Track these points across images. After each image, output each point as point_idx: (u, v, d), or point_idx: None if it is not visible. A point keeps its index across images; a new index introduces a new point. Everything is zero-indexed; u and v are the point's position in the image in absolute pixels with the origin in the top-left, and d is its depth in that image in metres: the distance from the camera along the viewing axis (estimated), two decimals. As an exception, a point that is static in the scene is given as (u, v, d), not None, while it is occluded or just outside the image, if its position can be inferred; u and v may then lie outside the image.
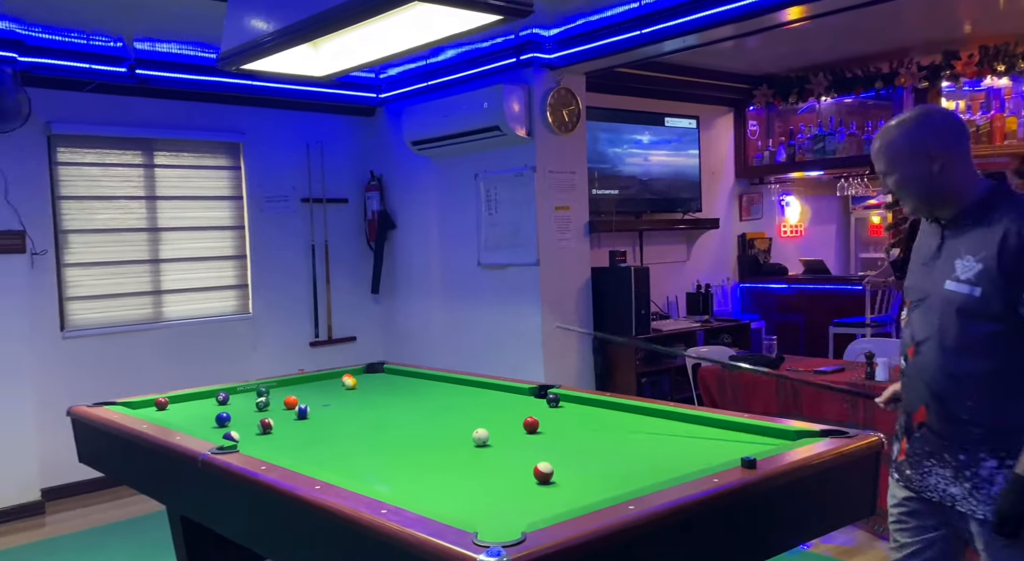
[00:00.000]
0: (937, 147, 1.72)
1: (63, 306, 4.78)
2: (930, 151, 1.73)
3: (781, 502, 1.90)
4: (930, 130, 1.74)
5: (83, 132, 4.81)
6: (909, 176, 1.77)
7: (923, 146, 1.73)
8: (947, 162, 1.72)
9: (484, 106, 4.72)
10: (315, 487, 1.85)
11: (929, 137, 1.73)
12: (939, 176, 1.74)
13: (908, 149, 1.75)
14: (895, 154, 1.77)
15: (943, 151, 1.72)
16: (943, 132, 1.73)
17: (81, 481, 4.62)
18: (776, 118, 6.58)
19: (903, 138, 1.76)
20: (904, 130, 1.76)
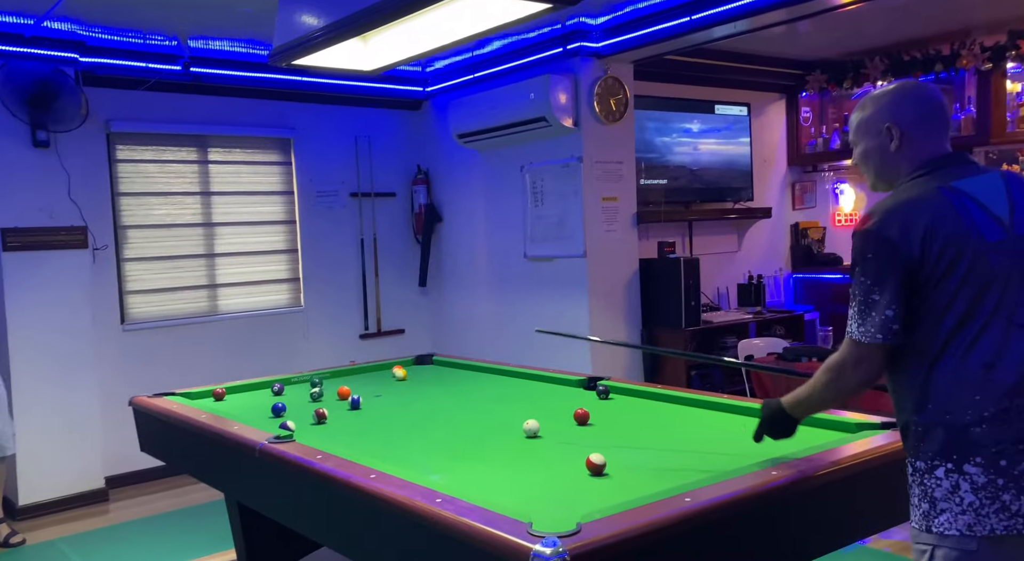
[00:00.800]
0: (899, 123, 1.63)
1: (123, 300, 4.92)
2: (891, 126, 1.64)
3: (841, 496, 1.85)
4: (897, 105, 1.64)
5: (140, 130, 4.94)
6: (869, 149, 1.69)
7: (886, 120, 1.64)
8: (906, 140, 1.63)
9: (530, 97, 4.70)
10: (370, 476, 1.87)
11: (894, 112, 1.64)
12: (895, 153, 1.64)
13: (873, 121, 1.67)
14: (861, 125, 1.70)
15: (904, 128, 1.62)
16: (909, 109, 1.63)
17: (142, 470, 4.77)
18: (830, 104, 6.41)
19: (872, 108, 1.68)
20: (874, 102, 1.68)
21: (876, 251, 1.53)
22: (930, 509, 1.50)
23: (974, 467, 1.44)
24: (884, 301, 1.52)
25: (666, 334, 4.97)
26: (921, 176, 1.61)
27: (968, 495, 1.45)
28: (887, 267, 1.51)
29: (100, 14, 4.15)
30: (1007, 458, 1.43)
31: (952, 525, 1.46)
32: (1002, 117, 5.40)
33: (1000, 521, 1.43)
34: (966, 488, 1.45)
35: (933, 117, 1.65)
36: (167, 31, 4.49)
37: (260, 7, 4.02)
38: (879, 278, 1.52)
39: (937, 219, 1.51)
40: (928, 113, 1.64)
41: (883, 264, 1.52)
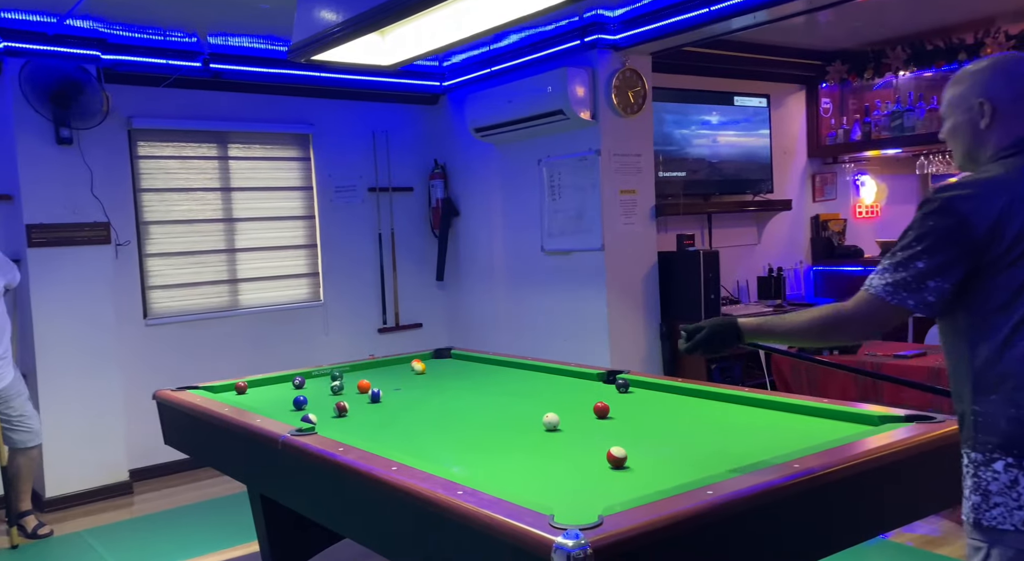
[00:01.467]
0: (992, 98, 1.52)
1: (146, 295, 4.98)
2: (984, 101, 1.53)
3: (864, 489, 1.84)
4: (993, 81, 1.53)
5: (161, 126, 4.98)
6: (958, 124, 1.59)
7: (979, 95, 1.54)
8: (998, 118, 1.52)
9: (548, 90, 4.69)
10: (392, 468, 1.88)
11: (989, 87, 1.53)
12: (984, 131, 1.54)
13: (965, 96, 1.57)
14: (953, 99, 1.60)
15: (996, 104, 1.52)
16: (1006, 85, 1.52)
17: (166, 463, 4.83)
18: (850, 95, 6.33)
19: (967, 82, 1.57)
20: (970, 76, 1.58)
21: (940, 221, 1.45)
22: (982, 502, 1.46)
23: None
24: (928, 271, 1.46)
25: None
26: (1009, 156, 1.51)
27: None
28: (946, 240, 1.44)
29: (121, 12, 4.19)
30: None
31: (1007, 520, 1.42)
32: None
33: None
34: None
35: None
36: (187, 28, 4.53)
37: (279, 3, 4.04)
38: (933, 248, 1.45)
39: (1019, 200, 1.43)
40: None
41: (943, 236, 1.45)
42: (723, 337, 1.80)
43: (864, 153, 6.38)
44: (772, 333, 1.74)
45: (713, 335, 1.80)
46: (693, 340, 1.84)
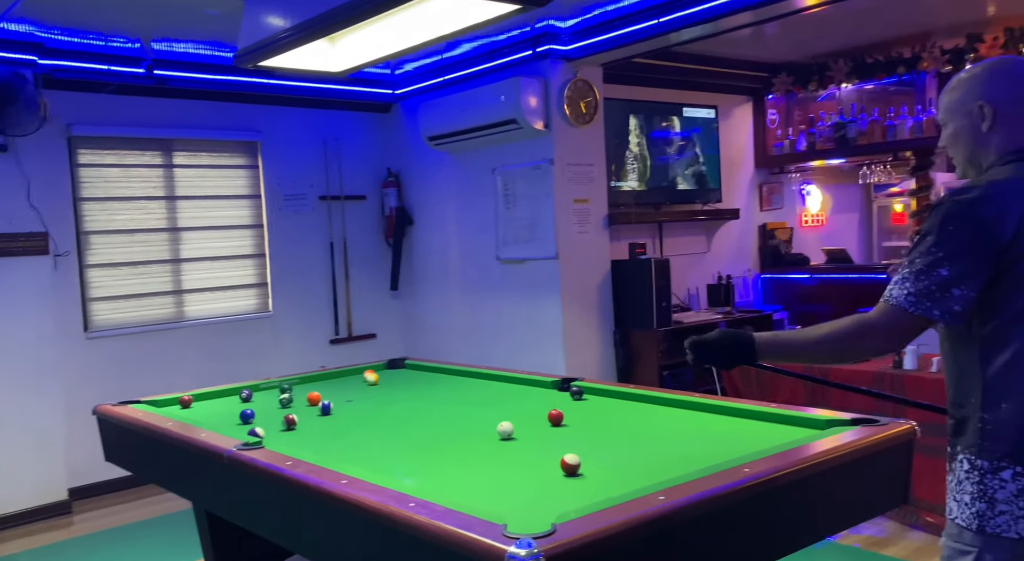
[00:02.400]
0: (992, 101, 1.51)
1: (86, 307, 4.82)
2: (984, 105, 1.52)
3: (812, 492, 1.87)
4: (991, 83, 1.52)
5: (103, 133, 4.84)
6: (959, 129, 1.57)
7: (978, 99, 1.53)
8: (999, 120, 1.50)
9: (501, 99, 4.70)
10: (342, 481, 1.84)
11: (988, 90, 1.52)
12: (986, 134, 1.52)
13: (964, 100, 1.55)
14: (952, 104, 1.58)
15: (997, 107, 1.50)
16: (1004, 87, 1.51)
17: (107, 480, 4.67)
18: (796, 106, 6.50)
19: (965, 86, 1.56)
20: (969, 78, 1.56)
21: (961, 225, 1.41)
22: (987, 509, 1.44)
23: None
24: (953, 279, 1.41)
25: (639, 334, 4.99)
26: (1016, 161, 1.49)
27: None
28: (970, 245, 1.40)
29: (60, 15, 4.07)
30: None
31: (1012, 528, 1.41)
32: (962, 118, 5.52)
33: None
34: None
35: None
36: (130, 34, 4.42)
37: (226, 8, 3.96)
38: (956, 253, 1.41)
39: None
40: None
41: (966, 240, 1.41)
42: (736, 354, 1.73)
43: (809, 163, 6.55)
44: (789, 348, 1.67)
45: (724, 351, 1.73)
46: (702, 349, 1.77)
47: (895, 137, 5.82)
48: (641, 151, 5.56)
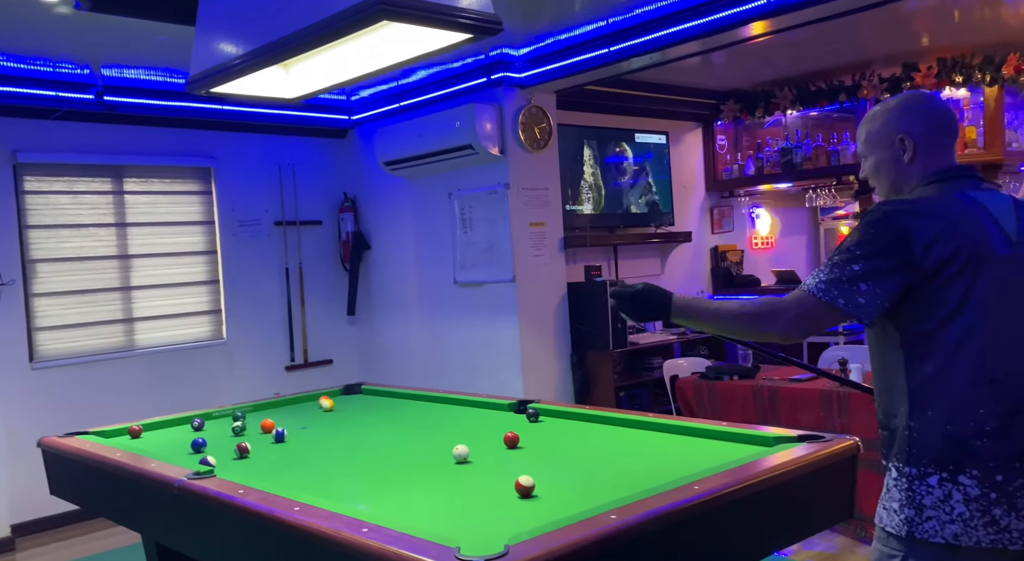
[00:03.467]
0: (911, 134, 1.62)
1: (32, 336, 4.69)
2: (904, 137, 1.63)
3: (761, 507, 1.91)
4: (909, 115, 1.64)
5: (50, 160, 4.75)
6: (881, 160, 1.68)
7: (898, 131, 1.64)
8: (919, 151, 1.61)
9: (456, 125, 4.75)
10: (294, 509, 1.83)
11: (906, 123, 1.63)
12: (908, 164, 1.63)
13: (883, 132, 1.66)
14: (871, 136, 1.69)
15: (916, 139, 1.62)
16: (921, 118, 1.63)
17: (53, 515, 4.52)
18: (744, 132, 6.69)
19: (881, 120, 1.67)
20: (885, 112, 1.68)
21: (882, 231, 1.50)
22: (915, 515, 1.48)
23: (969, 479, 1.43)
24: (863, 274, 1.49)
25: (595, 356, 5.04)
26: (935, 183, 1.59)
27: (959, 506, 1.43)
28: (887, 251, 1.48)
29: (4, 41, 4.00)
30: (1003, 473, 1.43)
31: (939, 533, 1.45)
32: (901, 144, 5.74)
33: (987, 534, 1.42)
34: (958, 498, 1.43)
35: (944, 128, 1.64)
36: (78, 59, 4.36)
37: (177, 35, 3.94)
38: (871, 254, 1.49)
39: (953, 221, 1.49)
40: (940, 125, 1.63)
41: (884, 246, 1.48)
42: (652, 306, 1.78)
43: (758, 187, 6.73)
44: (703, 315, 1.72)
45: (642, 303, 1.78)
46: (621, 299, 1.82)
47: (839, 162, 6.03)
48: (595, 176, 5.65)
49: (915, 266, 1.48)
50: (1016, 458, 1.44)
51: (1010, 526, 1.43)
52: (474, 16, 2.26)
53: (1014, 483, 1.43)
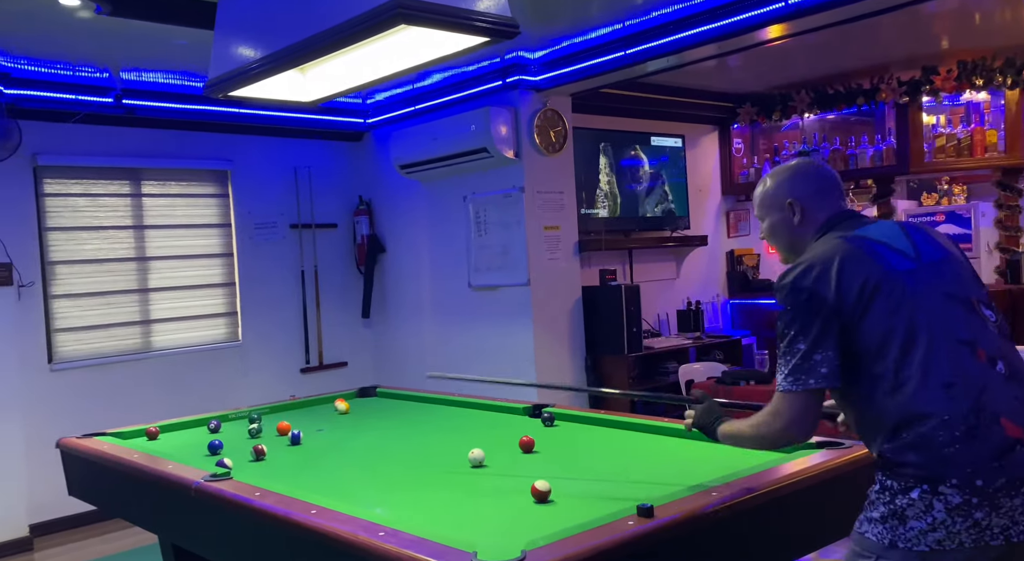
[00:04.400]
0: (799, 198, 1.77)
1: (51, 338, 4.73)
2: (793, 201, 1.77)
3: (779, 515, 1.89)
4: (794, 181, 1.79)
5: (70, 163, 4.80)
6: (775, 223, 1.82)
7: (787, 196, 1.78)
8: (807, 213, 1.76)
9: (471, 128, 4.75)
10: (311, 511, 1.83)
11: (793, 188, 1.78)
12: (799, 226, 1.77)
13: (774, 197, 1.81)
14: (765, 199, 1.84)
15: (804, 202, 1.76)
16: (806, 183, 1.78)
17: (70, 515, 4.55)
18: (760, 135, 6.65)
19: (772, 186, 1.82)
20: (774, 178, 1.83)
21: (795, 302, 1.60)
22: (899, 525, 1.49)
23: (949, 488, 1.45)
24: (809, 347, 1.57)
25: (610, 360, 5.02)
26: (824, 234, 1.73)
27: (941, 514, 1.45)
28: (808, 314, 1.58)
29: (27, 45, 4.05)
30: (982, 477, 1.44)
31: (922, 541, 1.46)
32: (920, 148, 5.69)
33: (970, 536, 1.45)
34: (940, 508, 1.45)
35: (828, 189, 1.78)
36: (98, 63, 4.41)
37: (195, 39, 3.98)
38: (802, 326, 1.58)
39: (847, 261, 1.60)
40: (823, 187, 1.78)
41: (804, 312, 1.58)
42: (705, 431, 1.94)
43: (775, 191, 6.67)
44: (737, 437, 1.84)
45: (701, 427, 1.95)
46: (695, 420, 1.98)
47: (856, 166, 5.98)
48: (610, 179, 5.64)
49: (837, 311, 1.57)
50: (992, 458, 1.46)
51: (991, 524, 1.45)
52: (491, 19, 2.26)
53: (995, 484, 1.45)
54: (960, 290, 1.60)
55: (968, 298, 1.59)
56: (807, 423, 1.61)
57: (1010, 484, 1.45)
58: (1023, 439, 1.47)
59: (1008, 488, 1.45)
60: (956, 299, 1.58)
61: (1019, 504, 1.45)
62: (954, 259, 1.65)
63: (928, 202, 7.41)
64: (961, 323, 1.55)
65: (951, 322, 1.55)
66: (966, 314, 1.57)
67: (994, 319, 1.61)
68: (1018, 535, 1.45)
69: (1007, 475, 1.45)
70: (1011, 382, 1.53)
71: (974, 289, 1.62)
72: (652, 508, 1.67)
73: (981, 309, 1.59)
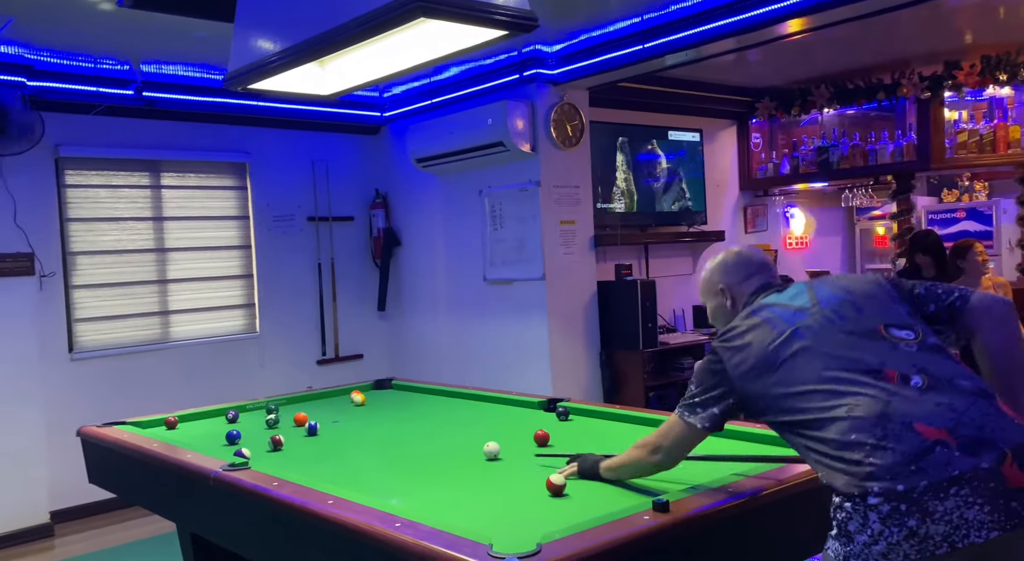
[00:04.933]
0: (727, 283, 1.94)
1: (71, 328, 4.79)
2: (724, 287, 1.94)
3: (795, 511, 1.89)
4: (721, 268, 1.96)
5: (90, 155, 4.85)
6: (715, 308, 1.99)
7: (716, 283, 1.96)
8: (736, 296, 1.92)
9: (488, 122, 4.75)
10: (328, 502, 1.84)
11: (720, 274, 1.96)
12: (731, 309, 1.92)
13: (707, 285, 1.99)
14: (702, 288, 2.02)
15: (731, 287, 1.93)
16: (730, 270, 1.94)
17: (90, 503, 4.61)
18: (779, 130, 6.60)
19: (708, 276, 2.00)
20: (707, 268, 2.01)
21: (708, 366, 1.79)
22: (847, 541, 1.49)
23: (875, 497, 1.44)
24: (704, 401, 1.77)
25: (625, 355, 5.01)
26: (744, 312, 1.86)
27: (876, 525, 1.44)
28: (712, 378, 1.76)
29: (49, 38, 4.09)
30: (902, 481, 1.44)
31: (868, 556, 1.45)
32: (941, 143, 5.63)
33: (911, 547, 1.41)
34: (874, 518, 1.44)
35: (753, 273, 1.93)
36: (119, 56, 4.44)
37: (215, 32, 4.00)
38: (705, 386, 1.77)
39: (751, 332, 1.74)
40: (749, 273, 1.93)
41: (710, 376, 1.77)
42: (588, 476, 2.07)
43: (793, 186, 6.64)
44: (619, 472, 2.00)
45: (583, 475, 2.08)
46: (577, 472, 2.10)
47: (876, 161, 5.93)
48: (627, 174, 5.62)
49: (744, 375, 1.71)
50: (908, 462, 1.45)
51: (930, 532, 1.41)
52: (511, 13, 2.26)
53: (917, 488, 1.43)
54: (860, 324, 1.67)
55: (872, 328, 1.66)
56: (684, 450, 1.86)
57: (935, 487, 1.42)
58: (944, 440, 1.46)
59: (934, 490, 1.41)
60: (856, 334, 1.66)
61: (952, 507, 1.40)
62: (854, 298, 1.74)
63: (948, 199, 7.33)
64: (866, 352, 1.62)
65: (854, 353, 1.62)
66: (871, 342, 1.64)
67: (912, 336, 1.66)
68: (961, 540, 1.39)
69: (928, 478, 1.42)
70: (929, 392, 1.54)
71: (881, 317, 1.69)
72: (668, 503, 1.67)
73: (891, 333, 1.66)
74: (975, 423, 1.48)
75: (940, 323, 1.74)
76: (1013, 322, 1.71)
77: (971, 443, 1.45)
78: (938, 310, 1.74)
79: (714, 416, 1.76)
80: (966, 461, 1.43)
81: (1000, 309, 1.71)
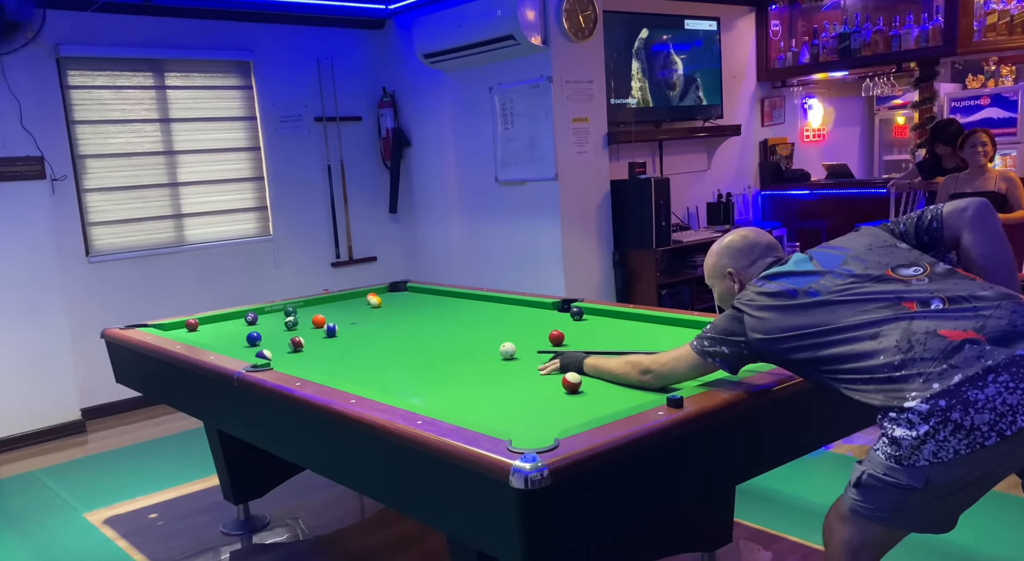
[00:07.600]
0: (735, 267, 1.95)
1: (87, 231, 4.82)
2: (731, 271, 1.95)
3: (806, 405, 1.93)
4: (728, 252, 1.97)
5: (92, 54, 4.72)
6: (723, 291, 1.99)
7: (724, 267, 1.97)
8: (744, 280, 1.92)
9: (497, 14, 4.56)
10: (350, 401, 1.90)
11: (728, 258, 1.97)
12: (740, 291, 1.90)
13: (714, 269, 2.00)
14: (710, 271, 2.02)
15: (739, 271, 1.94)
16: (738, 254, 1.95)
17: (119, 400, 4.78)
18: (799, 17, 6.31)
19: (715, 260, 2.00)
20: (713, 251, 2.02)
21: (731, 315, 1.81)
22: (896, 444, 1.51)
23: (912, 401, 1.47)
24: (720, 345, 1.80)
25: (638, 255, 5.02)
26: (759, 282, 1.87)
27: (921, 426, 1.46)
28: (733, 324, 1.79)
29: (38, -71, 3.90)
30: (937, 380, 1.47)
31: (919, 456, 1.48)
32: (969, 26, 5.37)
33: (959, 441, 1.44)
34: (917, 420, 1.46)
35: (760, 256, 1.94)
36: (112, -53, 4.25)
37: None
38: (726, 333, 1.80)
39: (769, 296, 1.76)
40: (756, 256, 1.94)
41: (730, 322, 1.80)
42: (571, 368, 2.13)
43: (812, 76, 6.42)
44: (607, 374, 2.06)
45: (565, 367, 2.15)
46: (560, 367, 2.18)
47: (900, 47, 5.69)
48: (641, 66, 5.44)
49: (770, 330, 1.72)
50: (937, 362, 1.48)
51: (975, 423, 1.44)
52: None
53: (951, 381, 1.46)
54: (869, 272, 1.70)
55: (880, 275, 1.69)
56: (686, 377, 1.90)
57: (972, 379, 1.45)
58: (973, 338, 1.49)
59: (971, 381, 1.44)
60: (867, 280, 1.68)
61: (994, 393, 1.43)
62: (855, 253, 1.77)
63: (973, 85, 7.08)
64: (881, 294, 1.64)
65: (871, 297, 1.64)
66: (884, 284, 1.66)
67: (921, 271, 1.68)
68: (1009, 427, 1.42)
69: (962, 372, 1.45)
70: (951, 309, 1.56)
71: (886, 262, 1.72)
72: (682, 399, 1.71)
73: (900, 272, 1.69)
74: (1004, 319, 1.52)
75: (934, 248, 1.77)
76: (989, 216, 1.75)
77: (1002, 336, 1.49)
78: (930, 239, 1.77)
79: (725, 355, 1.80)
80: (999, 352, 1.47)
81: (971, 211, 1.75)
